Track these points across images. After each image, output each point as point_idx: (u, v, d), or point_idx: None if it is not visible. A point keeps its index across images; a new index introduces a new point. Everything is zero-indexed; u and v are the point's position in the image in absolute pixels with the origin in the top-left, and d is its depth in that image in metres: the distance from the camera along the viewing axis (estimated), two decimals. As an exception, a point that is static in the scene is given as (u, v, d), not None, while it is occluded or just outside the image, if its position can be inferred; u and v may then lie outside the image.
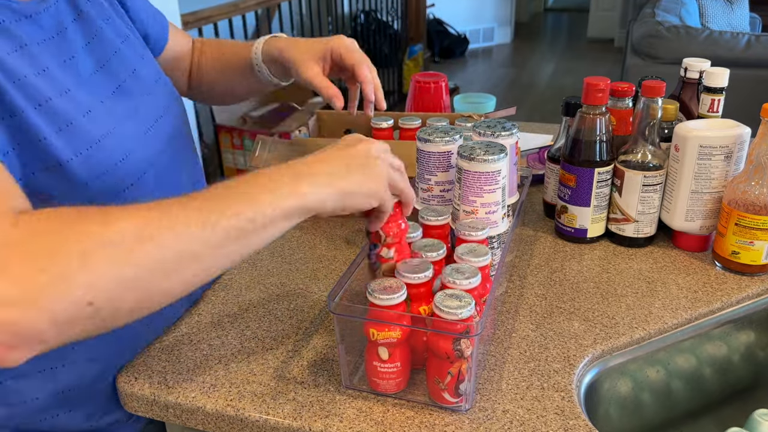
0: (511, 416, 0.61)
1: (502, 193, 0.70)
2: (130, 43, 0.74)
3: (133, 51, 0.74)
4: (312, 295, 0.81)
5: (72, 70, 0.64)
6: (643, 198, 0.86)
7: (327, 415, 0.61)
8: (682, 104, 0.94)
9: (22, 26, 0.60)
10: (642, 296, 0.79)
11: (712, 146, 0.81)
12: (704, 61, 0.93)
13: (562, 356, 0.68)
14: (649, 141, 0.85)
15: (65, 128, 0.59)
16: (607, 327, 0.73)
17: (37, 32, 0.61)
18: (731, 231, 0.81)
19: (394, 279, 0.60)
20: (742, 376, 0.84)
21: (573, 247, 0.91)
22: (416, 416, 0.61)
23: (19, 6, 0.60)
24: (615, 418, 0.75)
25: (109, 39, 0.70)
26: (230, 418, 0.62)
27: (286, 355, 0.70)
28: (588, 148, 0.85)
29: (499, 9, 5.80)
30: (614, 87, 0.88)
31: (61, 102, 0.59)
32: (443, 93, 1.12)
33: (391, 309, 0.58)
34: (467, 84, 4.65)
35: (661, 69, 2.66)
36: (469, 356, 0.58)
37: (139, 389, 0.66)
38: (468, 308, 0.56)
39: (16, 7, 0.60)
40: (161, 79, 0.77)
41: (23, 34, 0.59)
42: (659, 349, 0.74)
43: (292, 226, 0.53)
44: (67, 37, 0.65)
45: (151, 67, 0.76)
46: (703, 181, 0.83)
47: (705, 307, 0.77)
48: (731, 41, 2.64)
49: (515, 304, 0.78)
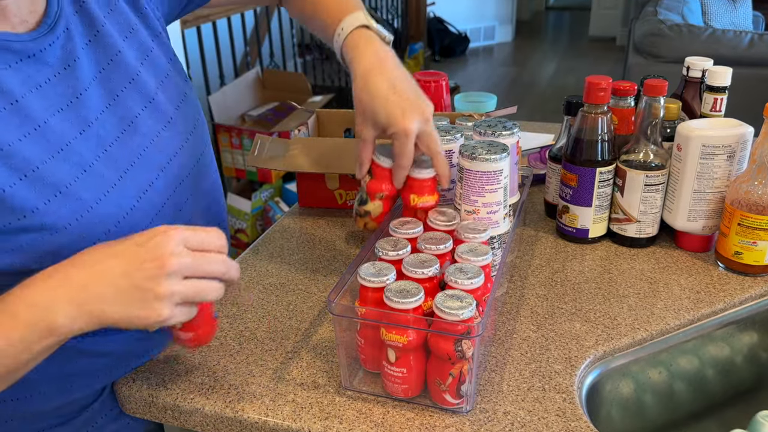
0: (512, 418, 0.60)
1: (503, 193, 0.70)
2: (152, 61, 0.69)
3: (154, 72, 0.68)
4: (312, 295, 0.80)
5: (77, 113, 0.59)
6: (645, 198, 0.86)
7: (327, 416, 0.61)
8: (684, 103, 0.94)
9: (23, 69, 0.56)
10: (644, 297, 0.79)
11: (715, 146, 0.81)
12: (707, 60, 0.92)
13: (564, 357, 0.68)
14: (652, 140, 0.84)
15: (53, 198, 0.55)
16: (608, 328, 0.73)
17: (40, 72, 0.57)
18: (734, 231, 0.80)
19: (413, 284, 0.59)
20: (745, 377, 0.84)
21: (574, 247, 0.90)
22: (416, 418, 0.60)
23: (22, 45, 0.56)
24: (617, 419, 0.74)
25: (127, 64, 0.65)
26: (229, 419, 0.62)
27: (285, 356, 0.69)
28: (590, 148, 0.85)
29: (500, 7, 5.79)
30: (616, 86, 0.88)
31: (52, 166, 0.55)
32: (444, 92, 1.12)
33: (402, 312, 0.57)
34: (468, 83, 4.64)
35: (664, 68, 2.65)
36: (470, 357, 0.57)
37: (137, 391, 0.65)
38: (469, 309, 0.55)
39: (18, 47, 0.56)
40: (186, 99, 0.71)
41: (19, 84, 0.55)
42: (661, 350, 0.73)
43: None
44: (76, 70, 0.60)
45: (174, 87, 0.71)
46: (705, 181, 0.83)
47: (707, 307, 0.76)
48: (734, 40, 2.63)
49: (516, 305, 0.77)
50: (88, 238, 0.57)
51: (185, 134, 0.70)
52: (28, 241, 0.54)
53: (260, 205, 2.35)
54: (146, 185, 0.63)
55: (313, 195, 1.02)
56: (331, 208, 1.02)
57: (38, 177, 0.54)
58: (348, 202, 1.01)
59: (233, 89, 2.59)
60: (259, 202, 2.34)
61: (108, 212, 0.59)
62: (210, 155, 0.76)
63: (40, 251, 0.55)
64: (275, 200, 2.35)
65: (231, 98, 2.55)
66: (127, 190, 0.61)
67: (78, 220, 0.56)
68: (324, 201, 1.02)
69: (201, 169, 0.73)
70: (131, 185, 0.62)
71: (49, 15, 0.60)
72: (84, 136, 0.59)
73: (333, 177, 0.99)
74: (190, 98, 0.73)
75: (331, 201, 1.01)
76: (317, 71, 3.66)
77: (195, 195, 0.72)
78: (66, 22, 0.61)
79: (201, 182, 0.73)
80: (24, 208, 0.53)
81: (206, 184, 0.74)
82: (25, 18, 0.58)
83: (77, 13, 0.63)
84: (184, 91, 0.72)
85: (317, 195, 1.01)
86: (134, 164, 0.63)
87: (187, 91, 0.73)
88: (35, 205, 0.54)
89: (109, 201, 0.59)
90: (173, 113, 0.69)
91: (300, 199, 1.03)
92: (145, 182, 0.63)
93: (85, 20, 0.63)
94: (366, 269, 0.61)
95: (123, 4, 0.68)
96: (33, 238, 0.54)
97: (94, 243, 0.57)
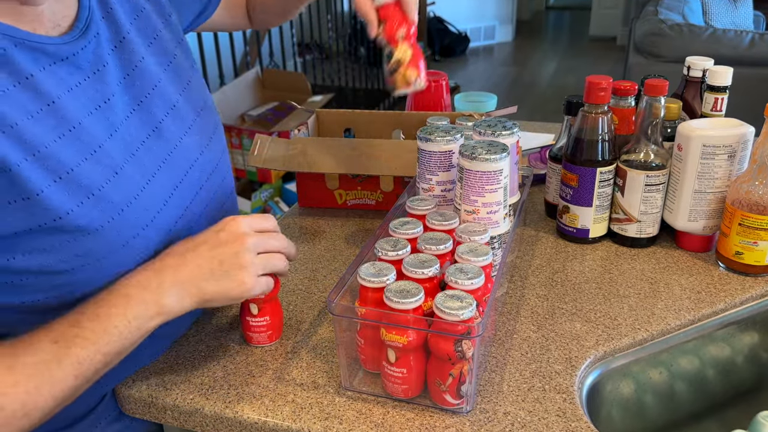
0: (512, 418, 0.60)
1: (503, 193, 0.69)
2: (175, 68, 0.70)
3: (177, 78, 0.69)
4: (312, 295, 0.80)
5: (105, 116, 0.60)
6: (646, 198, 0.85)
7: (326, 417, 0.61)
8: (685, 103, 0.94)
9: (57, 72, 0.56)
10: (644, 297, 0.78)
11: (716, 145, 0.81)
12: (707, 60, 0.92)
13: (564, 358, 0.68)
14: (652, 140, 0.84)
15: (86, 201, 0.56)
16: (609, 328, 0.73)
17: (73, 75, 0.58)
18: (735, 231, 0.80)
19: (413, 284, 0.59)
20: (746, 377, 0.84)
21: (575, 247, 0.90)
22: (416, 418, 0.60)
23: (56, 48, 0.57)
24: (617, 420, 0.74)
25: (151, 71, 0.66)
26: (229, 420, 0.62)
27: (285, 357, 0.69)
28: (590, 148, 0.85)
29: (500, 7, 5.79)
30: (616, 86, 0.88)
31: (85, 168, 0.56)
32: (444, 92, 1.12)
33: (401, 313, 0.57)
34: (468, 83, 4.64)
35: (664, 67, 2.65)
36: (470, 357, 0.57)
37: (137, 391, 0.65)
38: (469, 309, 0.55)
39: (52, 50, 0.57)
40: (205, 107, 0.73)
41: (54, 85, 0.56)
42: (662, 350, 0.73)
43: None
44: (105, 74, 0.61)
45: (196, 94, 0.72)
46: (706, 181, 0.83)
47: (708, 308, 0.76)
48: (735, 39, 2.62)
49: (516, 305, 0.77)
50: (118, 240, 0.58)
51: (206, 140, 0.71)
52: (60, 242, 0.55)
53: (260, 205, 2.34)
54: (172, 189, 0.65)
55: (312, 195, 1.02)
56: (331, 208, 1.02)
57: (72, 179, 0.55)
58: (348, 202, 1.01)
59: (233, 89, 2.59)
60: (258, 202, 2.34)
61: (137, 215, 0.60)
62: (227, 160, 0.78)
63: (70, 252, 0.56)
64: (275, 200, 2.35)
65: (231, 98, 2.54)
66: (155, 193, 0.62)
67: (109, 223, 0.57)
68: (324, 201, 1.02)
69: (219, 173, 0.74)
70: (158, 189, 0.63)
71: (81, 20, 0.60)
72: (113, 139, 0.60)
73: (333, 177, 0.99)
74: (209, 105, 0.75)
75: (331, 201, 1.01)
76: (317, 71, 3.66)
77: (214, 198, 0.73)
78: (96, 27, 0.62)
79: (219, 186, 0.74)
80: (59, 209, 0.54)
81: (223, 188, 0.76)
82: (58, 22, 0.59)
83: (104, 19, 0.63)
84: (204, 98, 0.74)
85: (317, 195, 1.01)
86: (160, 168, 0.64)
87: (207, 98, 0.75)
88: (70, 207, 0.54)
89: (139, 204, 0.60)
90: (194, 119, 0.70)
91: (300, 199, 1.03)
92: (170, 186, 0.65)
93: (111, 26, 0.64)
94: (366, 269, 0.60)
95: (149, 10, 0.69)
96: (65, 239, 0.55)
97: (123, 246, 0.59)
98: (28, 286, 0.56)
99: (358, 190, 1.00)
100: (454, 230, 0.68)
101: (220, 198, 0.74)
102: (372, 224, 0.97)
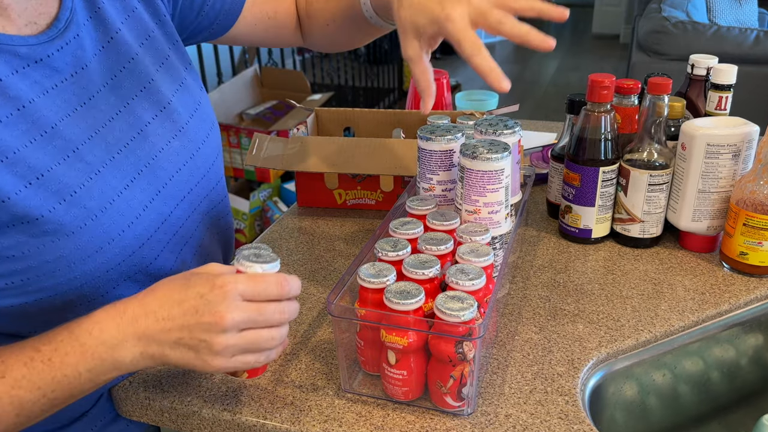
0: (514, 421, 0.59)
1: (505, 193, 0.69)
2: (168, 69, 0.68)
3: (169, 79, 0.68)
4: (311, 296, 0.80)
5: (84, 119, 0.59)
6: (649, 198, 0.85)
7: (326, 419, 0.60)
8: (688, 102, 0.93)
9: (30, 74, 0.55)
10: (648, 298, 0.78)
11: (720, 145, 0.80)
12: (712, 58, 0.91)
13: (566, 359, 0.67)
14: (656, 139, 0.83)
15: (58, 206, 0.55)
16: (612, 329, 0.72)
17: (50, 78, 0.57)
18: (739, 231, 0.79)
19: (413, 285, 0.58)
20: (751, 379, 0.83)
21: (577, 247, 0.89)
22: (417, 420, 0.60)
23: (29, 50, 0.55)
24: (620, 422, 0.73)
25: (141, 71, 0.64)
26: (227, 422, 0.61)
27: (283, 358, 0.68)
28: (593, 147, 0.84)
29: (502, 5, 5.77)
30: (620, 84, 0.87)
31: (57, 173, 0.55)
32: (445, 90, 1.11)
33: (402, 314, 0.57)
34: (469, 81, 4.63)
35: (668, 65, 2.64)
36: (471, 359, 0.57)
37: (134, 394, 0.64)
38: (470, 310, 0.55)
39: (25, 52, 0.55)
40: (199, 109, 0.71)
41: (27, 89, 0.55)
42: (665, 352, 0.73)
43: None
44: (87, 73, 0.60)
45: (190, 96, 0.70)
46: (710, 181, 0.82)
47: (712, 309, 0.76)
48: (739, 37, 2.61)
49: (518, 306, 0.76)
50: (91, 245, 0.57)
51: (197, 143, 0.70)
52: (30, 248, 0.54)
53: (258, 205, 2.34)
54: (153, 194, 0.63)
55: (312, 195, 1.01)
56: (330, 208, 1.01)
57: (43, 184, 0.54)
58: (347, 202, 1.00)
59: (231, 87, 2.58)
60: (257, 202, 2.33)
61: (113, 220, 0.59)
62: (220, 164, 0.76)
63: (42, 258, 0.55)
64: (274, 200, 2.34)
65: (229, 97, 2.54)
66: (133, 198, 0.61)
67: (82, 228, 0.56)
68: (323, 201, 1.01)
69: (210, 179, 0.73)
70: (138, 193, 0.61)
71: (60, 20, 0.59)
72: (91, 143, 0.59)
73: (332, 176, 0.98)
74: (204, 107, 0.73)
75: (330, 201, 1.01)
76: (316, 69, 3.65)
77: (203, 204, 0.71)
78: (77, 29, 0.60)
79: (210, 192, 0.72)
80: (29, 215, 0.53)
81: (215, 193, 0.74)
82: (33, 20, 0.58)
83: (91, 18, 0.62)
84: (198, 100, 0.72)
85: (316, 195, 1.01)
86: (141, 172, 0.62)
87: (202, 100, 0.73)
88: (40, 213, 0.54)
89: (114, 209, 0.59)
90: (186, 122, 0.69)
91: (299, 198, 1.02)
92: (152, 191, 0.63)
93: (99, 26, 0.63)
94: (366, 270, 0.60)
95: (141, 10, 0.67)
96: (37, 244, 0.54)
97: (96, 251, 0.57)
98: (2, 290, 0.54)
99: (357, 190, 0.99)
100: (454, 230, 0.67)
101: (209, 204, 0.73)
102: (372, 224, 0.97)
